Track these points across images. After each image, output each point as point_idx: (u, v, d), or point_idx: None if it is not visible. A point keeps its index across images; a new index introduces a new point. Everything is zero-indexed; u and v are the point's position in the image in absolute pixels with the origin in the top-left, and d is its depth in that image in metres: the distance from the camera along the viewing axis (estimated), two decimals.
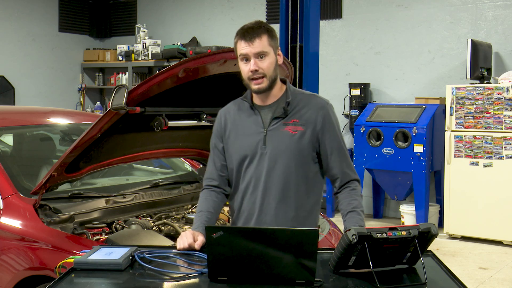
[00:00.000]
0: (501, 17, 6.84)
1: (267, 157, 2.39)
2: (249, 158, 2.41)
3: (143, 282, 2.00)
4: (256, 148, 2.40)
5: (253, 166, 2.41)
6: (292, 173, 2.39)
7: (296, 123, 2.39)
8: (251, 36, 2.34)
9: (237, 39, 2.40)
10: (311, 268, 1.88)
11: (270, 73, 2.36)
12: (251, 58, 2.34)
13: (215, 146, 2.55)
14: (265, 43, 2.34)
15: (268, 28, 2.39)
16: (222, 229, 1.89)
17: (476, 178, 6.34)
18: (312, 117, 2.41)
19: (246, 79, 2.38)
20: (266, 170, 2.38)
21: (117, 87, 2.75)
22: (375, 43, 7.71)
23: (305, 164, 2.41)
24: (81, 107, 10.22)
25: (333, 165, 2.43)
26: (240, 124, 2.46)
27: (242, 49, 2.35)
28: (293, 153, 2.38)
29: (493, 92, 6.22)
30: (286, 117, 2.40)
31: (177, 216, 3.42)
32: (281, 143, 2.38)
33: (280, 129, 2.39)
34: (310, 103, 2.44)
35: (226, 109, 2.56)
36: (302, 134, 2.38)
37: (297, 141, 2.38)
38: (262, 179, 2.40)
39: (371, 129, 6.92)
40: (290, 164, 2.38)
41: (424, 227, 1.98)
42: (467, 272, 5.34)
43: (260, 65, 2.33)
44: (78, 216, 3.10)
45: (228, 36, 9.00)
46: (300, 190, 2.41)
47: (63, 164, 2.95)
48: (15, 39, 9.39)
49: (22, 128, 4.03)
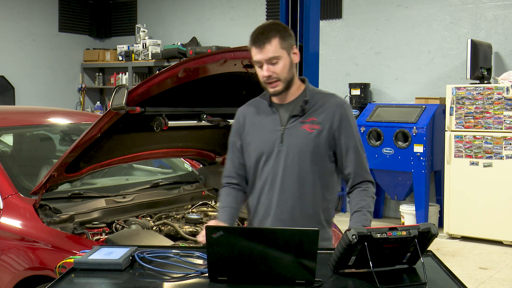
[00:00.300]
0: (501, 17, 6.84)
1: (284, 154, 2.40)
2: (266, 155, 2.43)
3: (143, 282, 2.00)
4: (273, 145, 2.42)
5: (270, 164, 2.42)
6: (308, 171, 2.40)
7: (314, 122, 2.41)
8: (261, 42, 2.32)
9: (250, 45, 2.39)
10: (311, 268, 1.88)
11: (285, 76, 2.36)
12: (264, 64, 2.34)
13: (233, 144, 2.55)
14: (277, 47, 2.32)
15: (279, 29, 2.36)
16: (222, 229, 1.89)
17: (476, 178, 6.34)
18: (329, 116, 2.42)
19: (263, 83, 2.40)
20: (282, 167, 2.40)
21: (117, 87, 2.75)
22: (375, 43, 7.72)
23: (321, 162, 2.42)
24: (81, 107, 10.22)
25: (347, 165, 2.45)
26: (258, 122, 2.48)
27: (255, 55, 2.36)
28: (310, 151, 2.40)
29: (493, 92, 6.22)
30: (304, 115, 2.42)
31: (177, 216, 3.42)
32: (298, 141, 2.39)
33: (297, 127, 2.41)
34: (327, 102, 2.45)
35: (245, 108, 2.57)
36: (319, 133, 2.40)
37: (314, 139, 2.39)
38: (279, 177, 2.41)
39: (371, 129, 6.92)
40: (307, 161, 2.40)
41: (424, 227, 1.98)
42: (467, 272, 5.34)
43: (273, 69, 2.34)
44: (78, 216, 3.10)
45: (228, 36, 9.01)
46: (316, 188, 2.43)
47: (63, 164, 2.95)
48: (15, 39, 9.39)
49: (22, 128, 4.03)
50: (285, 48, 2.35)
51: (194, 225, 3.28)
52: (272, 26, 2.37)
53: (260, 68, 2.37)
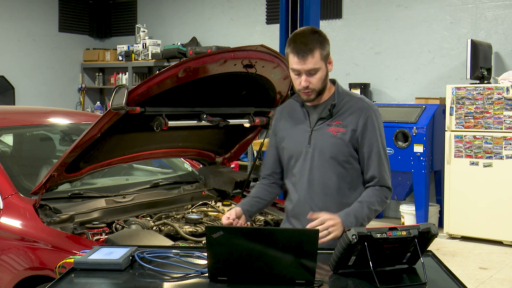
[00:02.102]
0: (501, 17, 6.84)
1: (310, 155, 2.48)
2: (296, 156, 2.52)
3: (143, 282, 2.00)
4: (302, 146, 2.50)
5: (299, 165, 2.51)
6: (333, 172, 2.46)
7: (339, 125, 2.47)
8: (304, 53, 2.35)
9: (289, 51, 2.41)
10: (311, 268, 1.88)
11: (319, 86, 2.43)
12: (303, 75, 2.39)
13: (271, 142, 2.67)
14: (317, 59, 2.37)
15: (321, 40, 2.41)
16: (222, 229, 1.89)
17: (476, 178, 6.34)
18: (354, 119, 2.46)
19: (297, 89, 2.46)
20: (309, 168, 2.48)
21: (117, 87, 2.74)
22: (375, 43, 7.71)
23: (345, 163, 2.47)
24: (81, 107, 10.22)
25: (368, 169, 2.48)
26: (291, 122, 2.57)
27: (294, 64, 2.39)
28: (333, 153, 2.45)
29: (493, 92, 6.22)
30: (331, 118, 2.48)
31: (177, 216, 3.42)
32: (324, 143, 2.46)
33: (324, 129, 2.48)
34: (354, 106, 2.49)
35: (282, 107, 2.68)
36: (343, 135, 2.45)
37: (337, 142, 2.45)
38: (305, 177, 2.49)
39: None
40: (331, 163, 2.46)
41: (424, 227, 1.98)
42: (467, 272, 5.34)
43: (311, 80, 2.39)
44: (78, 216, 3.09)
45: (228, 36, 9.01)
46: (341, 189, 2.47)
47: (63, 164, 2.95)
48: (15, 39, 9.39)
49: (22, 128, 4.02)
50: (324, 59, 2.40)
51: (194, 225, 3.28)
52: (314, 36, 2.40)
53: (297, 76, 2.41)
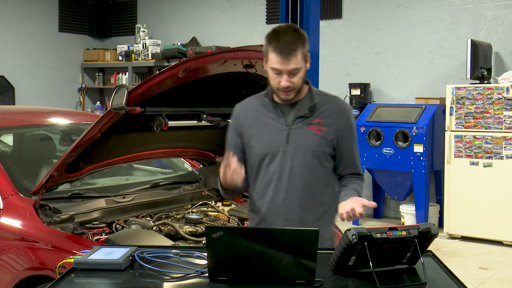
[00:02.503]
0: (501, 17, 6.84)
1: (289, 155, 2.41)
2: (271, 155, 2.43)
3: (143, 282, 2.00)
4: (278, 145, 2.42)
5: (276, 164, 2.42)
6: (314, 171, 2.43)
7: (320, 123, 2.43)
8: (287, 53, 2.30)
9: (271, 50, 2.33)
10: (311, 268, 1.88)
11: (299, 85, 2.38)
12: (284, 74, 2.33)
13: (234, 143, 2.52)
14: (299, 59, 2.32)
15: (302, 38, 2.35)
16: (222, 229, 1.89)
17: (476, 178, 6.34)
18: (336, 119, 2.45)
19: (275, 88, 2.38)
20: (289, 167, 2.41)
21: (117, 87, 2.75)
22: (375, 43, 7.71)
23: (325, 161, 2.46)
24: (81, 107, 10.22)
25: (345, 167, 2.51)
26: (262, 121, 2.47)
27: (276, 63, 2.32)
28: (316, 152, 2.42)
29: (493, 92, 6.22)
30: (311, 117, 2.43)
31: (177, 216, 3.42)
32: (306, 142, 2.41)
33: (304, 128, 2.42)
34: (334, 106, 2.48)
35: (245, 105, 2.55)
36: (325, 134, 2.43)
37: (320, 141, 2.42)
38: (285, 177, 2.42)
39: (371, 129, 6.92)
40: (313, 162, 2.43)
41: (424, 227, 1.98)
42: (467, 272, 5.34)
43: (292, 80, 2.34)
44: (78, 216, 3.10)
45: (228, 36, 9.01)
46: (320, 186, 2.46)
47: (63, 164, 2.95)
48: (15, 39, 9.39)
49: (22, 128, 4.03)
50: (304, 58, 2.36)
51: (194, 225, 3.28)
52: (296, 35, 2.34)
53: (277, 75, 2.35)
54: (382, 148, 6.84)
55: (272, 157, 2.43)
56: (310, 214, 2.43)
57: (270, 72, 2.37)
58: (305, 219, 2.41)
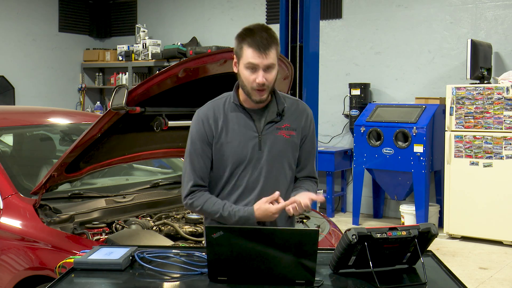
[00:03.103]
0: (501, 17, 6.84)
1: (263, 161, 2.37)
2: (245, 163, 2.36)
3: (143, 282, 2.00)
4: (252, 152, 2.36)
5: (249, 171, 2.37)
6: (286, 175, 2.44)
7: (288, 128, 2.42)
8: (265, 47, 2.25)
9: (246, 46, 2.29)
10: (311, 268, 1.88)
11: (272, 85, 2.33)
12: (260, 70, 2.27)
13: (202, 153, 2.38)
14: (275, 55, 2.29)
15: (276, 37, 2.33)
16: (222, 229, 1.89)
17: (476, 178, 6.34)
18: (301, 122, 2.45)
19: (249, 87, 2.30)
20: (264, 174, 2.37)
21: (117, 87, 2.75)
22: (375, 43, 7.71)
23: (293, 164, 2.47)
24: (81, 107, 10.22)
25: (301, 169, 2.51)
26: (231, 127, 2.38)
27: (253, 58, 2.26)
28: (287, 157, 2.43)
29: (493, 92, 6.22)
30: (280, 121, 2.41)
31: (177, 216, 3.42)
32: (278, 147, 2.39)
33: (274, 133, 2.39)
34: (298, 109, 2.47)
35: (210, 110, 2.42)
36: (294, 138, 2.43)
37: (290, 145, 2.42)
38: (259, 184, 2.37)
39: (371, 129, 6.92)
40: (285, 167, 2.43)
41: (424, 227, 1.98)
42: (467, 272, 5.34)
43: (267, 77, 2.28)
44: (78, 216, 3.10)
45: (228, 36, 9.00)
46: (288, 190, 2.47)
47: (63, 164, 2.95)
48: (15, 39, 9.39)
49: (22, 128, 4.03)
50: (277, 56, 2.33)
51: (194, 225, 3.28)
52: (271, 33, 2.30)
53: (252, 72, 2.28)
54: (382, 148, 6.84)
55: (245, 165, 2.36)
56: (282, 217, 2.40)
57: (244, 71, 2.31)
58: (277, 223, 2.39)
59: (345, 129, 7.84)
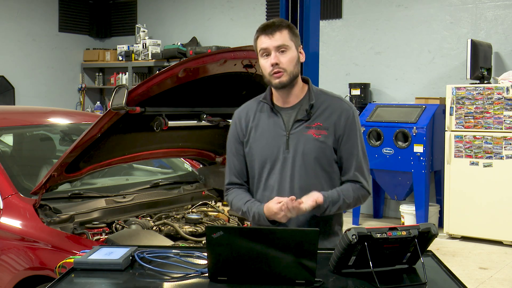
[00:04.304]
0: (501, 17, 6.84)
1: (290, 161, 2.31)
2: (271, 163, 2.33)
3: (143, 282, 2.00)
4: (278, 152, 2.32)
5: (277, 171, 2.33)
6: (316, 177, 2.32)
7: (320, 127, 2.32)
8: (272, 29, 2.27)
9: (258, 35, 2.31)
10: (311, 268, 1.88)
11: (291, 69, 2.28)
12: (272, 52, 2.26)
13: (236, 151, 2.42)
14: (286, 37, 2.27)
15: (290, 25, 2.32)
16: (222, 229, 1.89)
17: (476, 178, 6.34)
18: (336, 121, 2.33)
19: (267, 75, 2.29)
20: (290, 175, 2.31)
21: (117, 87, 2.75)
22: (375, 43, 7.71)
23: (328, 167, 2.35)
24: (81, 107, 10.22)
25: (347, 171, 2.37)
26: (261, 126, 2.36)
27: (263, 43, 2.28)
28: (317, 157, 2.31)
29: (493, 92, 6.22)
30: (310, 119, 2.33)
31: (177, 216, 3.42)
32: (305, 147, 2.30)
33: (303, 132, 2.31)
34: (334, 106, 2.36)
35: (244, 111, 2.44)
36: (325, 138, 2.32)
37: (320, 145, 2.31)
38: (287, 185, 2.32)
39: (371, 129, 6.92)
40: (315, 168, 2.32)
41: (424, 227, 1.98)
42: (467, 272, 5.34)
43: (281, 59, 2.26)
44: (78, 216, 3.10)
45: (228, 36, 9.01)
46: None
47: (63, 164, 2.95)
48: (15, 39, 9.39)
49: (22, 128, 4.03)
50: (294, 42, 2.30)
51: (194, 225, 3.28)
52: (282, 20, 2.34)
53: (266, 58, 2.28)
54: (382, 148, 6.84)
55: (272, 165, 2.34)
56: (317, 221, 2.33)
57: (261, 61, 2.31)
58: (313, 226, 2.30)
59: None
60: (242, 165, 2.43)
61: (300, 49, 2.35)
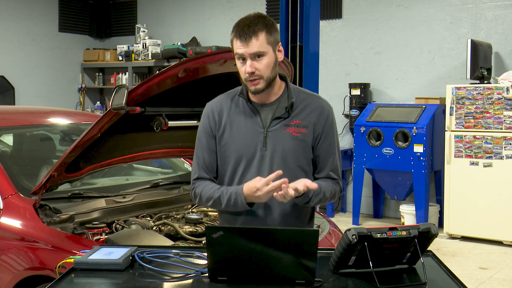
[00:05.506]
0: (501, 17, 6.84)
1: (268, 159, 2.26)
2: (247, 160, 2.28)
3: (143, 282, 2.00)
4: (255, 149, 2.27)
5: (253, 169, 2.27)
6: (294, 176, 2.25)
7: (299, 125, 2.28)
8: (246, 35, 2.18)
9: (233, 37, 2.23)
10: (311, 268, 1.88)
11: (268, 74, 2.22)
12: (247, 59, 2.20)
13: (207, 146, 2.34)
14: (263, 42, 2.19)
15: (267, 23, 2.22)
16: (222, 229, 1.89)
17: (476, 178, 6.34)
18: (315, 119, 2.31)
19: (243, 79, 2.25)
20: (268, 173, 2.23)
21: (117, 87, 2.75)
22: (375, 43, 7.71)
23: (306, 165, 2.33)
24: (81, 107, 10.22)
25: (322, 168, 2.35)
26: (236, 122, 2.30)
27: (238, 48, 2.20)
28: (296, 156, 2.28)
29: (493, 92, 6.22)
30: (288, 117, 2.29)
31: (177, 216, 3.42)
32: (284, 145, 2.26)
33: (281, 130, 2.27)
34: (314, 105, 2.33)
35: (216, 104, 2.38)
36: (304, 136, 2.28)
37: (300, 144, 2.28)
38: None
39: (371, 129, 6.92)
40: (293, 166, 2.28)
41: (424, 227, 1.98)
42: (467, 272, 5.34)
43: (257, 66, 2.19)
44: (78, 216, 3.10)
45: (228, 36, 8.94)
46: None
47: (63, 164, 2.95)
48: (15, 39, 9.39)
49: (22, 128, 4.03)
50: (271, 44, 2.22)
51: (194, 225, 3.28)
52: (259, 19, 2.23)
53: (242, 62, 2.21)
54: (382, 148, 6.84)
55: (248, 163, 2.27)
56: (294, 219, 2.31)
57: (237, 62, 2.25)
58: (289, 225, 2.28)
59: (345, 129, 7.84)
60: (212, 160, 2.34)
61: (279, 46, 2.28)
